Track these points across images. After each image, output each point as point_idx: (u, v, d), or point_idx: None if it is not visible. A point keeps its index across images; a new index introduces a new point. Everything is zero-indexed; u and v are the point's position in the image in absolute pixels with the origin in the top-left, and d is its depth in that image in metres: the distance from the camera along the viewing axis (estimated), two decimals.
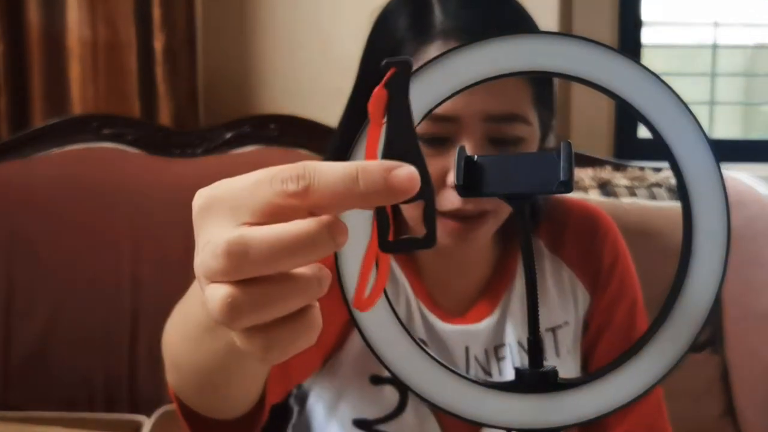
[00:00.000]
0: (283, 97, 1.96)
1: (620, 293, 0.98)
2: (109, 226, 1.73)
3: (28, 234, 1.73)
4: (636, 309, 1.00)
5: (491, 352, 0.95)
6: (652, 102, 0.52)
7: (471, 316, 0.97)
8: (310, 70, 1.95)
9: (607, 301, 0.98)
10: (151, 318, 1.71)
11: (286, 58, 1.99)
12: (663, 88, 0.52)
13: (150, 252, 1.73)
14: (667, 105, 0.52)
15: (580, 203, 1.04)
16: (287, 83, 1.97)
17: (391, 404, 0.92)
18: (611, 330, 0.99)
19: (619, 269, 0.99)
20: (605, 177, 1.78)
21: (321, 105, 1.69)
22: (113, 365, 1.71)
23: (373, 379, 0.93)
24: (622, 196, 1.75)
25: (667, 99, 0.52)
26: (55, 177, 1.78)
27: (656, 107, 0.52)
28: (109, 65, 1.90)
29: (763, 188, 1.74)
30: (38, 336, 1.70)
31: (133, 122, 1.88)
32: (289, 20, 1.99)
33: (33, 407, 1.66)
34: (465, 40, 0.74)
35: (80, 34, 1.89)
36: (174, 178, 1.79)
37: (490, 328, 0.96)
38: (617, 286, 0.99)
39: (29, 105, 1.91)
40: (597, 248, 0.98)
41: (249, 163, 1.84)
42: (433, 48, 0.82)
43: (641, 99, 0.52)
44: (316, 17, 1.96)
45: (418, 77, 0.51)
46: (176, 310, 0.80)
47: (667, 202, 1.76)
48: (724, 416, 1.64)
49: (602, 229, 1.00)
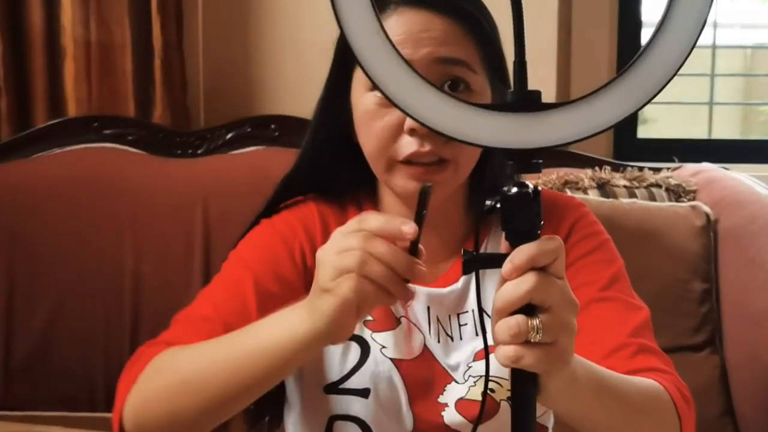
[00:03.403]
0: (284, 97, 1.96)
1: (576, 249, 0.99)
2: (109, 226, 1.74)
3: (29, 234, 1.73)
4: (604, 268, 1.00)
5: (454, 317, 1.00)
6: None
7: (439, 281, 1.01)
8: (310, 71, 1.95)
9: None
10: (152, 317, 1.71)
11: (286, 59, 2.00)
12: None
13: (151, 252, 1.73)
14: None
15: (549, 191, 1.07)
16: (288, 84, 1.98)
17: (353, 361, 0.97)
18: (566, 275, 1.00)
19: (578, 233, 1.01)
20: (605, 177, 1.78)
21: None
22: (114, 365, 1.71)
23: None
24: (621, 196, 1.75)
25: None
26: (57, 177, 1.78)
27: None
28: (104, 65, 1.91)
29: (762, 188, 1.74)
30: (39, 335, 1.70)
31: (134, 123, 1.88)
32: (290, 21, 1.99)
33: (34, 406, 1.66)
34: (415, 6, 0.91)
35: (74, 34, 1.89)
36: (175, 178, 1.79)
37: (454, 294, 1.00)
38: (572, 242, 1.00)
39: (30, 106, 1.91)
40: (555, 221, 1.01)
41: (249, 163, 1.85)
42: (390, 20, 0.92)
43: None
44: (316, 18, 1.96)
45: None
46: (219, 341, 0.87)
47: (667, 203, 1.76)
48: (723, 416, 1.64)
49: (562, 206, 1.04)
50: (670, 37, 0.59)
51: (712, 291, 1.69)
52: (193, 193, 1.76)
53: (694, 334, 1.67)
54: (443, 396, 0.97)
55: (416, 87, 0.61)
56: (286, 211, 1.03)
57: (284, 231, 1.00)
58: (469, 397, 0.96)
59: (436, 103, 0.61)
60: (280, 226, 1.01)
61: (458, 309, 1.00)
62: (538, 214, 0.66)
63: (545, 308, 0.65)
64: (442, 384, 0.97)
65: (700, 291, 1.67)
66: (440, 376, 0.97)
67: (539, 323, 0.65)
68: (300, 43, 1.95)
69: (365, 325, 0.98)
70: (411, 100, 0.61)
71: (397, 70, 0.60)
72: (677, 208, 1.73)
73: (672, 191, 1.79)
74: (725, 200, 1.74)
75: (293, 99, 1.95)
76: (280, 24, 2.00)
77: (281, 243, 0.99)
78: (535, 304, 0.65)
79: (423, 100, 0.61)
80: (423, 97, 0.61)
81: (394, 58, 0.61)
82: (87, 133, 1.85)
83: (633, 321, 0.95)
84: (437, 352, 0.98)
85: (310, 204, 1.03)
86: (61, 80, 1.91)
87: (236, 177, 1.76)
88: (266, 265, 0.97)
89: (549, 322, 0.65)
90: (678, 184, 1.80)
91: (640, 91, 0.60)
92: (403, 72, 0.61)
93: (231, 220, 1.68)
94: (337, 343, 0.91)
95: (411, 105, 0.61)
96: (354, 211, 1.03)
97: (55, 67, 1.90)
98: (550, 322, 0.65)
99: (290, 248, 0.99)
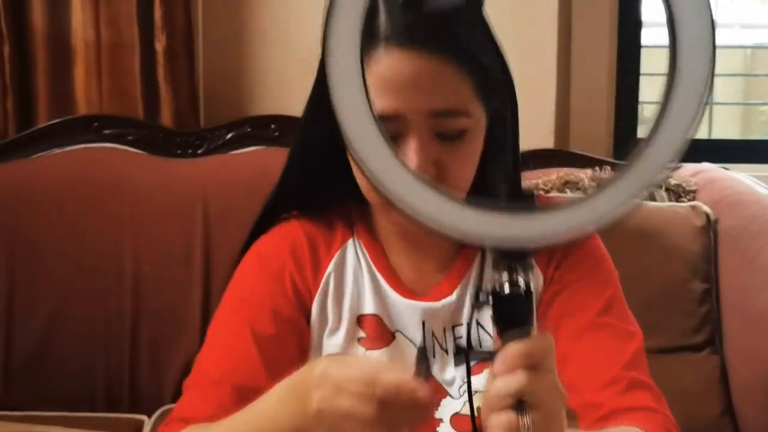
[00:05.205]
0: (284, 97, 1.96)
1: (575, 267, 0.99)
2: (110, 226, 1.73)
3: (29, 233, 1.73)
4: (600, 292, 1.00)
5: (449, 330, 0.99)
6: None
7: (432, 294, 1.00)
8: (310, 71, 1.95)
9: (558, 278, 0.99)
10: (152, 318, 1.71)
11: (286, 59, 2.00)
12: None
13: (151, 252, 1.73)
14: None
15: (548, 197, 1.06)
16: (288, 84, 1.98)
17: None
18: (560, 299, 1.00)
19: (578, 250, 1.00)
20: (604, 177, 1.78)
21: None
22: (114, 365, 1.71)
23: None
24: None
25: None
26: (57, 177, 1.78)
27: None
28: (113, 66, 1.91)
29: (762, 188, 1.74)
30: (39, 335, 1.70)
31: (135, 122, 1.88)
32: (290, 20, 1.99)
33: (34, 407, 1.66)
34: (405, 46, 0.84)
35: (84, 35, 1.89)
36: (175, 178, 1.79)
37: (448, 307, 0.99)
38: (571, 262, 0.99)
39: (35, 106, 1.91)
40: None
41: (249, 163, 1.85)
42: (377, 53, 0.87)
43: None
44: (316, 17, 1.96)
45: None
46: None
47: (667, 203, 1.77)
48: (723, 416, 1.64)
49: None
50: (666, 134, 0.59)
51: (712, 291, 1.69)
52: (193, 193, 1.76)
53: (694, 334, 1.67)
54: (438, 411, 0.96)
55: (410, 181, 0.60)
56: (274, 234, 1.01)
57: (273, 265, 0.99)
58: (464, 413, 0.96)
59: (428, 196, 0.60)
60: (269, 260, 0.99)
61: (453, 322, 0.99)
62: (530, 311, 0.65)
63: (535, 404, 0.65)
64: (437, 399, 0.97)
65: (700, 291, 1.68)
66: (435, 390, 0.97)
67: (530, 421, 0.65)
68: (300, 42, 1.95)
69: (359, 342, 0.98)
70: (402, 192, 0.60)
71: (387, 161, 0.59)
72: (677, 208, 1.74)
73: (672, 191, 1.79)
74: (725, 200, 1.74)
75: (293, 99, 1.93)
76: (281, 24, 2.00)
77: (272, 280, 0.98)
78: (525, 400, 0.65)
79: (415, 193, 0.60)
80: (416, 190, 0.60)
81: (386, 150, 0.60)
82: (87, 133, 1.85)
83: (627, 352, 0.94)
84: (432, 367, 0.98)
85: (295, 225, 1.01)
86: (71, 81, 1.91)
87: (236, 177, 1.76)
88: (260, 308, 0.97)
89: (539, 419, 0.65)
90: (678, 184, 1.80)
91: (635, 188, 0.60)
92: (394, 165, 0.60)
93: (231, 220, 1.69)
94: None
95: (402, 197, 0.60)
96: (342, 231, 1.01)
97: (63, 67, 1.91)
98: (541, 418, 0.65)
99: (281, 283, 0.98)
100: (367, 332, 0.98)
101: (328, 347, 0.98)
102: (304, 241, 1.00)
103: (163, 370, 1.71)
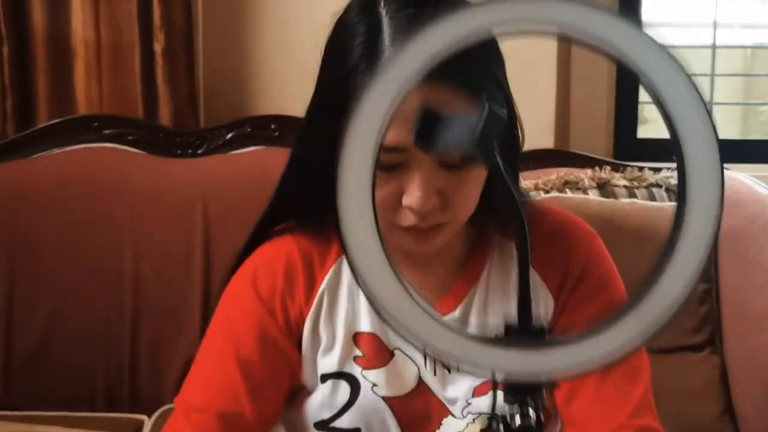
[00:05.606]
0: (284, 97, 1.96)
1: (589, 300, 0.98)
2: (110, 226, 1.74)
3: (29, 233, 1.73)
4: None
5: None
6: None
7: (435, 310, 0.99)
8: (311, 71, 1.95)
9: (571, 308, 0.99)
10: (152, 318, 1.71)
11: (286, 59, 2.00)
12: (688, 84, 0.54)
13: (151, 251, 1.73)
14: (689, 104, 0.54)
15: (558, 211, 1.05)
16: (288, 84, 1.98)
17: (342, 399, 0.96)
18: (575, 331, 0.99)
19: (591, 278, 0.99)
20: (604, 177, 1.78)
21: None
22: (114, 365, 1.71)
23: (323, 378, 0.97)
24: (621, 196, 1.75)
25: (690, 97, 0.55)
26: (57, 177, 1.78)
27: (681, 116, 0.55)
28: (113, 66, 1.91)
29: (762, 188, 1.74)
30: (39, 335, 1.71)
31: (135, 122, 1.88)
32: (290, 21, 1.99)
33: (34, 406, 1.66)
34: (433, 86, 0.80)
35: (84, 35, 1.89)
36: (175, 178, 1.79)
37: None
38: (585, 293, 0.98)
39: (35, 106, 1.92)
40: (565, 255, 0.99)
41: (249, 163, 1.85)
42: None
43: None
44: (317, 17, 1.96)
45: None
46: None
47: (667, 203, 1.77)
48: (723, 416, 1.64)
49: (574, 236, 1.01)
50: (676, 271, 0.59)
51: (712, 291, 1.69)
52: (193, 193, 1.76)
53: (694, 334, 1.67)
54: (439, 431, 0.95)
55: (420, 315, 0.59)
56: (268, 250, 0.99)
57: (264, 286, 0.97)
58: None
59: (439, 332, 0.59)
60: (259, 280, 0.97)
61: None
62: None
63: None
64: (439, 418, 0.96)
65: (700, 291, 1.67)
66: (436, 409, 0.96)
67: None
68: (301, 42, 1.95)
69: (355, 361, 0.96)
70: (413, 325, 0.59)
71: (398, 293, 0.58)
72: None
73: (672, 191, 1.79)
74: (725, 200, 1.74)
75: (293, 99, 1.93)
76: (281, 23, 2.01)
77: (260, 302, 0.96)
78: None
79: (427, 328, 0.59)
80: (428, 325, 0.59)
81: (398, 285, 0.58)
82: (87, 133, 1.85)
83: (634, 396, 0.94)
84: (433, 385, 0.96)
85: (290, 241, 0.99)
86: (71, 81, 1.91)
87: (236, 177, 1.77)
88: (247, 335, 0.95)
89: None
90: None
91: (645, 324, 0.59)
92: (404, 298, 0.58)
93: (231, 220, 1.69)
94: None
95: (412, 329, 0.59)
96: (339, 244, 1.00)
97: (63, 67, 1.91)
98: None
99: (270, 305, 0.96)
100: (364, 351, 0.96)
101: (323, 367, 0.96)
102: (299, 258, 0.97)
103: (163, 370, 1.71)
